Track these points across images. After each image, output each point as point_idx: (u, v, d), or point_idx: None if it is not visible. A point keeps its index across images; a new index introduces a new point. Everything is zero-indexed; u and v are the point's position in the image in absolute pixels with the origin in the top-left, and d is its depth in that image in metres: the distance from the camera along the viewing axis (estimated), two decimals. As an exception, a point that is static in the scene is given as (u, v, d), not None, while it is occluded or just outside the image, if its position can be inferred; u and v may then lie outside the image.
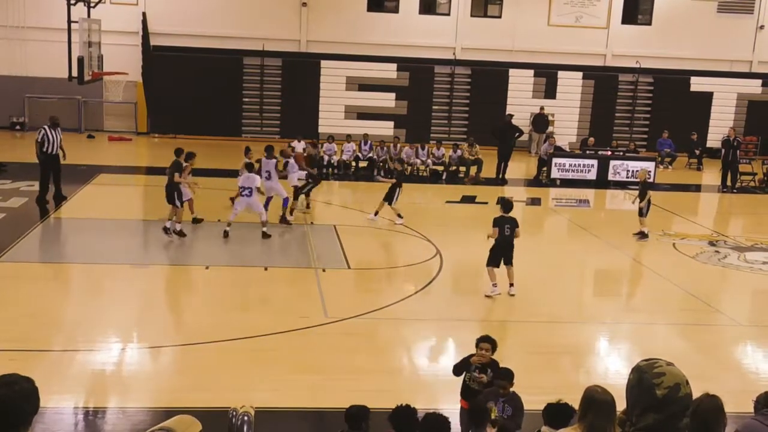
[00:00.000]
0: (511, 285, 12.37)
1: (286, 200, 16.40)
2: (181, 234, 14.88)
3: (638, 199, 16.56)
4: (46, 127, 17.45)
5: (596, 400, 4.69)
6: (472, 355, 7.33)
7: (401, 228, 16.57)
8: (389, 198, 16.74)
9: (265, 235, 15.23)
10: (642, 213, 16.52)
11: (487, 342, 7.29)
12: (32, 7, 27.16)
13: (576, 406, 5.05)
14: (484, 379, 7.11)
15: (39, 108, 27.16)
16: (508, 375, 6.87)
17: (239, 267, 13.63)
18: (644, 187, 16.65)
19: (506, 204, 12.53)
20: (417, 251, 15.08)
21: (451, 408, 7.35)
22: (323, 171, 23.25)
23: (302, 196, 17.60)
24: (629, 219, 20.51)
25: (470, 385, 7.21)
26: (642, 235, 16.50)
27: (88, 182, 19.98)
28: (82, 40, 19.32)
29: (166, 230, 14.87)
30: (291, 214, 16.63)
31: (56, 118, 17.79)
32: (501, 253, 12.29)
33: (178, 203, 14.95)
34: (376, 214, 16.85)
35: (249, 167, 15.70)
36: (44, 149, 17.26)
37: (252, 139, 28.48)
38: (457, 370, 7.39)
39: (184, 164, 15.40)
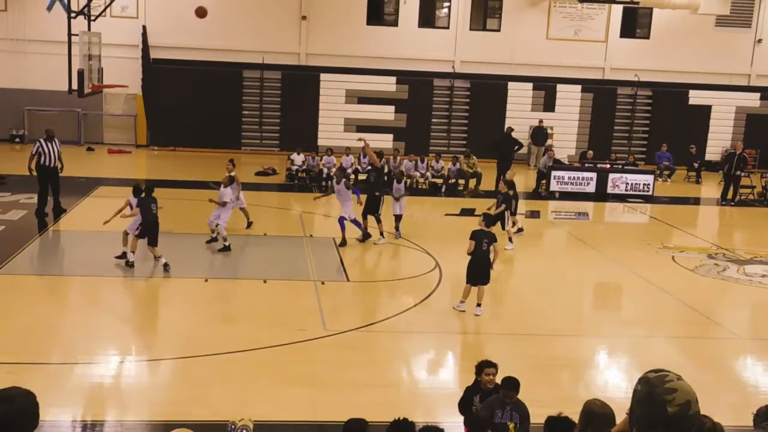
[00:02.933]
0: (478, 305, 12.03)
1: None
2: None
3: (494, 208, 16.20)
4: (41, 140, 17.47)
5: (595, 413, 4.69)
6: (473, 387, 7.21)
7: (400, 241, 16.55)
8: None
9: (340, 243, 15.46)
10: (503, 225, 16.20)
11: (492, 367, 7.19)
12: (32, 20, 27.25)
13: (576, 419, 5.05)
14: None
15: (39, 120, 27.21)
16: (513, 384, 6.85)
17: (238, 279, 13.62)
18: (505, 198, 16.43)
19: (488, 219, 12.30)
20: (416, 264, 15.07)
21: (449, 421, 7.33)
22: (322, 184, 23.31)
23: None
24: (628, 232, 20.57)
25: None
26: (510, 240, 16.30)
27: (87, 195, 19.99)
28: (82, 53, 19.35)
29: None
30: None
31: (51, 131, 17.79)
32: (477, 269, 11.99)
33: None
34: (381, 234, 16.51)
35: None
36: (41, 162, 17.28)
37: (251, 152, 28.56)
38: (464, 405, 7.18)
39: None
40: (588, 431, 4.60)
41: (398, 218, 16.86)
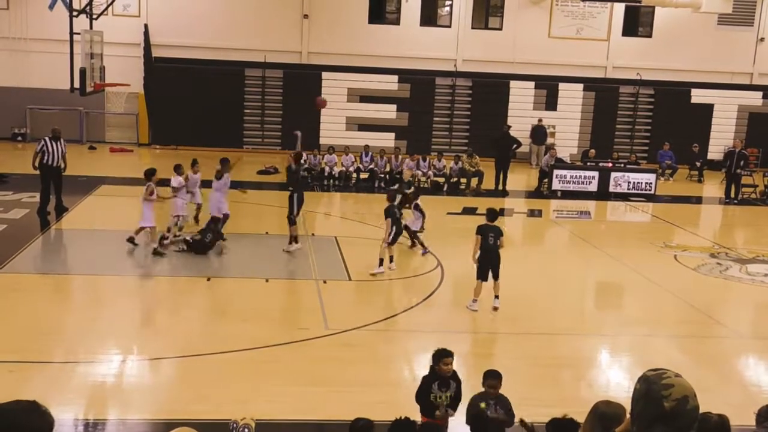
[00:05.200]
0: (496, 297, 12.16)
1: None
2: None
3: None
4: (46, 138, 17.49)
5: (599, 412, 4.68)
6: (431, 376, 7.20)
7: (402, 240, 16.53)
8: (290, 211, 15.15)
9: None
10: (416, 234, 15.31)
11: (450, 356, 7.15)
12: (34, 19, 27.27)
13: (578, 419, 5.04)
14: (452, 413, 7.01)
15: (41, 119, 27.25)
16: (496, 375, 6.87)
17: (240, 278, 13.62)
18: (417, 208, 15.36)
19: (491, 213, 12.42)
20: (418, 263, 15.07)
21: (450, 420, 7.32)
22: (324, 182, 23.33)
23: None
24: (630, 231, 20.56)
25: (437, 403, 7.05)
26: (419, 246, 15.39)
27: (89, 193, 20.00)
28: (84, 52, 19.38)
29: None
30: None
31: (58, 131, 17.82)
32: (488, 264, 12.07)
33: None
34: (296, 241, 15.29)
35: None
36: (44, 161, 17.29)
37: (253, 150, 28.56)
38: (422, 395, 7.17)
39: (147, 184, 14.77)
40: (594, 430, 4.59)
41: (411, 233, 15.65)
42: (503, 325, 11.90)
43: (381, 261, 14.04)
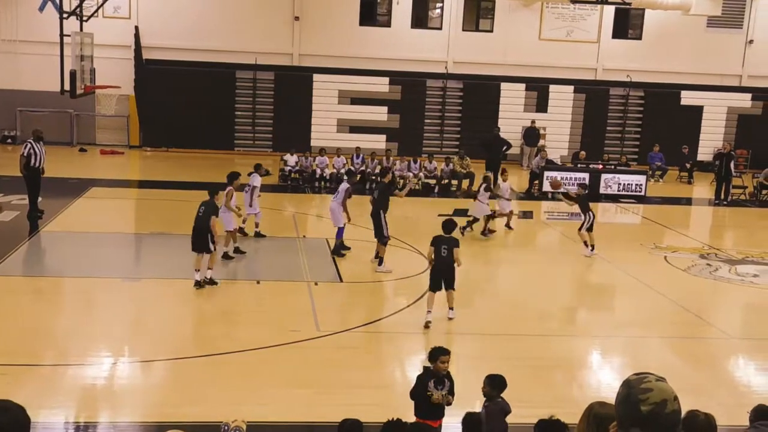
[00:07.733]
0: (450, 309, 11.70)
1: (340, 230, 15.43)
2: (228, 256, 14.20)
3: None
4: (31, 141, 17.32)
5: (591, 413, 4.69)
6: (426, 374, 7.26)
7: (393, 242, 16.54)
8: None
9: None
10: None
11: (447, 354, 7.23)
12: (25, 21, 27.15)
13: (567, 420, 5.06)
14: (451, 399, 7.16)
15: (31, 121, 27.10)
16: (490, 381, 6.90)
17: (231, 281, 13.60)
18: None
19: (446, 224, 11.91)
20: (409, 265, 15.07)
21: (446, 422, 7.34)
22: (315, 184, 23.32)
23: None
24: (621, 232, 20.62)
25: (434, 402, 7.11)
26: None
27: (79, 195, 19.93)
28: (75, 54, 19.33)
29: (202, 282, 12.87)
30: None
31: (40, 131, 17.69)
32: (440, 276, 11.51)
33: (212, 247, 12.85)
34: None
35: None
36: (31, 164, 17.14)
37: (244, 152, 28.52)
38: (417, 393, 7.27)
39: (227, 188, 14.21)
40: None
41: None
42: (494, 327, 11.91)
43: None
